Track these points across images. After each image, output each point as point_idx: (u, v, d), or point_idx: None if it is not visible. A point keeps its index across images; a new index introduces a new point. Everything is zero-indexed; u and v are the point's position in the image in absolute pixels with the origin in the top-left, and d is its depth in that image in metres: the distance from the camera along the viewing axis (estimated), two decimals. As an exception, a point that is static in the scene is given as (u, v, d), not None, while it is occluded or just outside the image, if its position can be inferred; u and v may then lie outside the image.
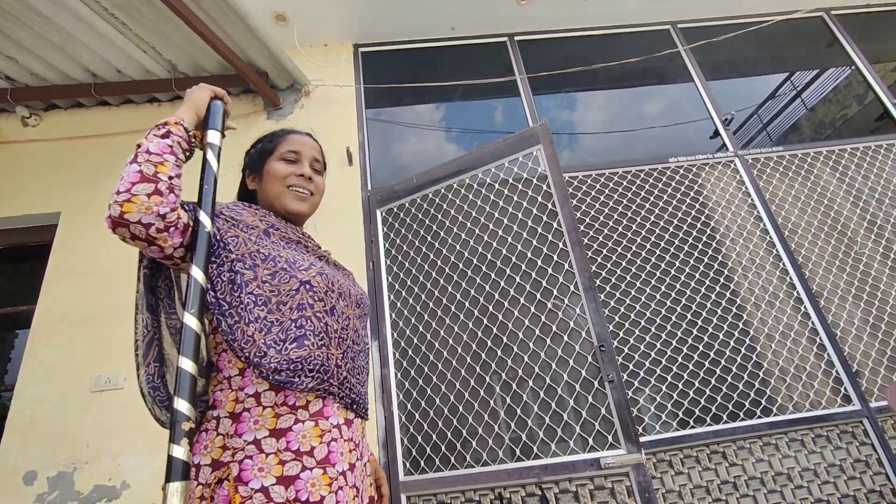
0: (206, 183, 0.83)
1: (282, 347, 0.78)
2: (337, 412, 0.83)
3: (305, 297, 0.84)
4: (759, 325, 2.33)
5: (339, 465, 0.78)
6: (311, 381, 0.79)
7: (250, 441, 0.74)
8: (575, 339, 1.84)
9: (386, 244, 2.39)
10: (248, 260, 0.84)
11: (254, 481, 0.71)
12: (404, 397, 2.09)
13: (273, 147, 1.03)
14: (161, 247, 0.77)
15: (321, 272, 0.89)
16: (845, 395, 2.18)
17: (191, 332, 0.71)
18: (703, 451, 2.08)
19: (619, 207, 2.57)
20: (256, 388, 0.79)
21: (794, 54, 3.56)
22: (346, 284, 0.96)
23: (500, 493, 1.80)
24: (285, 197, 0.98)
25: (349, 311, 0.93)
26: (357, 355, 0.92)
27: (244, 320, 0.78)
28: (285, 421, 0.77)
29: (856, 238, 2.57)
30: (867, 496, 2.01)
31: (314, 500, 0.72)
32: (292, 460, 0.74)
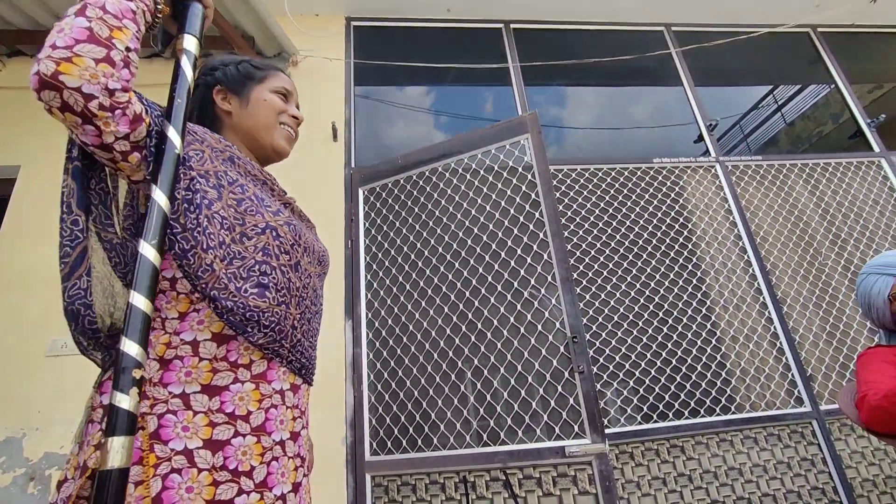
0: (178, 96, 0.69)
1: (242, 288, 0.69)
2: (283, 377, 0.75)
3: (271, 244, 0.75)
4: (726, 326, 2.41)
5: (276, 434, 0.70)
6: (262, 337, 0.70)
7: (177, 394, 0.64)
8: (549, 330, 1.86)
9: (366, 223, 2.35)
10: (213, 178, 0.72)
11: (175, 441, 0.61)
12: (375, 378, 2.08)
13: (263, 76, 0.92)
14: (99, 130, 0.60)
15: (289, 222, 0.80)
16: (798, 397, 2.28)
17: (148, 265, 0.59)
18: (664, 444, 2.15)
19: (601, 203, 2.59)
20: (196, 335, 0.68)
21: (779, 68, 3.64)
22: (310, 239, 0.88)
23: (464, 476, 1.82)
24: (276, 132, 0.90)
25: (311, 269, 0.85)
26: (313, 317, 0.84)
27: (202, 245, 0.66)
28: (222, 378, 0.68)
29: (821, 250, 2.67)
30: (810, 493, 2.12)
31: (243, 470, 0.64)
32: (224, 423, 0.65)
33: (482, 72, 3.05)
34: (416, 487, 1.87)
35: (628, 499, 2.05)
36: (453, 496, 1.81)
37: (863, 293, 1.36)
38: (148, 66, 2.70)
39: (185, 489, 0.60)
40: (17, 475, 1.83)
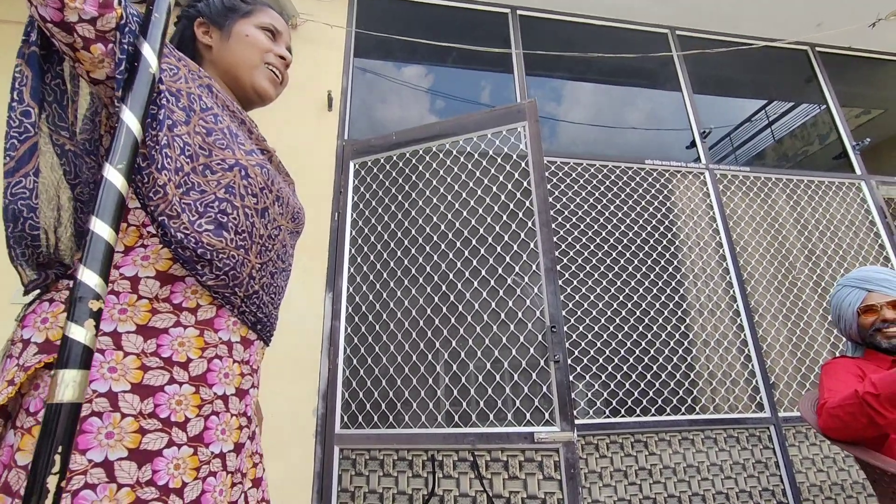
0: (157, 10, 0.60)
1: (196, 221, 0.62)
2: (232, 327, 0.69)
3: (238, 183, 0.68)
4: (699, 330, 2.47)
5: (218, 388, 0.64)
6: (213, 279, 0.64)
7: (107, 332, 0.58)
8: (529, 318, 1.88)
9: (355, 197, 2.32)
10: (183, 99, 0.65)
11: (98, 382, 0.55)
12: (351, 352, 2.08)
13: (249, 10, 0.85)
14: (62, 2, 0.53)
15: (262, 165, 0.74)
16: (759, 403, 2.37)
17: (114, 192, 0.52)
18: (629, 438, 2.21)
19: (590, 199, 2.61)
20: (138, 271, 0.62)
21: (775, 83, 3.69)
22: (286, 191, 0.81)
23: (433, 455, 1.83)
24: (259, 71, 0.83)
25: (282, 222, 0.79)
26: (278, 273, 0.78)
27: (157, 164, 0.58)
28: (162, 320, 0.62)
29: (795, 264, 2.75)
30: (761, 493, 2.21)
31: (175, 420, 0.58)
32: (158, 368, 0.59)
33: (484, 57, 3.01)
34: (383, 462, 1.88)
35: (590, 488, 2.11)
36: (420, 473, 1.83)
37: (835, 304, 1.40)
38: None
39: (104, 434, 0.54)
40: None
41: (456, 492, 1.77)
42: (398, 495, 1.82)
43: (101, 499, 0.52)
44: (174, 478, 0.57)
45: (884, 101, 3.87)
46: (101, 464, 0.53)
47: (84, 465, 0.52)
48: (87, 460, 0.52)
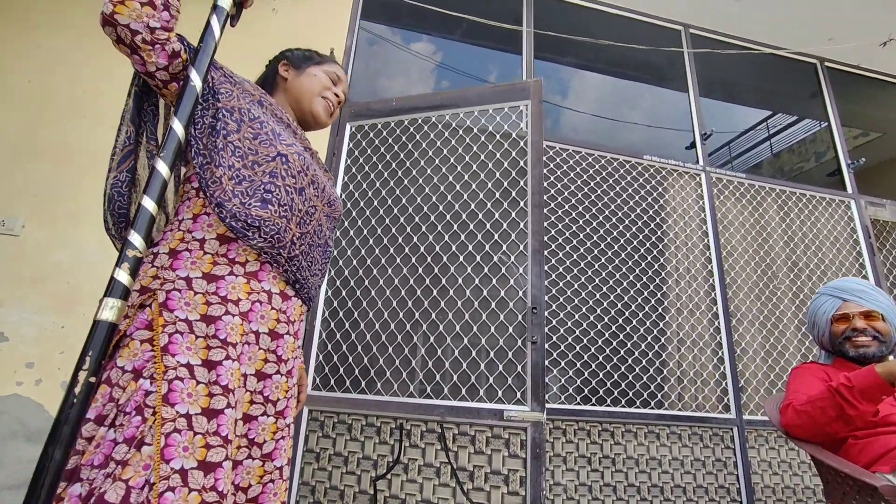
0: (205, 44, 0.83)
1: (247, 202, 0.82)
2: (272, 280, 0.88)
3: (280, 168, 0.88)
4: (677, 328, 2.49)
5: (254, 325, 0.83)
6: (261, 241, 0.83)
7: (182, 277, 0.79)
8: (511, 297, 1.87)
9: (348, 160, 2.27)
10: (236, 114, 0.88)
11: (179, 311, 0.76)
12: (330, 315, 2.05)
13: (321, 61, 1.13)
14: (143, 60, 0.80)
15: (300, 153, 0.94)
16: (727, 404, 2.42)
17: (159, 177, 0.73)
18: (596, 427, 2.24)
19: (584, 188, 2.60)
20: (205, 234, 0.84)
21: (780, 94, 3.69)
22: (322, 178, 1.01)
23: (401, 424, 1.84)
24: (317, 101, 1.08)
25: (318, 203, 0.97)
26: (315, 246, 0.97)
27: (215, 163, 0.82)
28: (220, 269, 0.82)
29: (778, 273, 2.78)
30: (716, 490, 2.27)
31: (230, 341, 0.78)
32: (217, 303, 0.79)
33: (493, 33, 2.95)
34: (351, 427, 1.88)
35: (553, 471, 2.14)
36: (387, 441, 1.83)
37: (812, 311, 1.42)
38: None
39: (185, 346, 0.75)
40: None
41: (421, 461, 1.78)
42: (363, 460, 1.83)
43: (187, 386, 0.72)
44: (231, 382, 0.76)
45: (883, 125, 3.90)
46: (185, 365, 0.73)
47: (175, 364, 0.73)
48: (176, 362, 0.73)
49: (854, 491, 1.08)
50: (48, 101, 2.12)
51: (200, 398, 0.73)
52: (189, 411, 0.71)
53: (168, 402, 0.70)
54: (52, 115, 2.12)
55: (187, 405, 0.71)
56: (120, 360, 0.74)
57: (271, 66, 1.14)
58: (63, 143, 2.08)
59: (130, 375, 0.72)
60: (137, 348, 0.74)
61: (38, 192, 2.00)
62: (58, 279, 1.93)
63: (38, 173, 2.02)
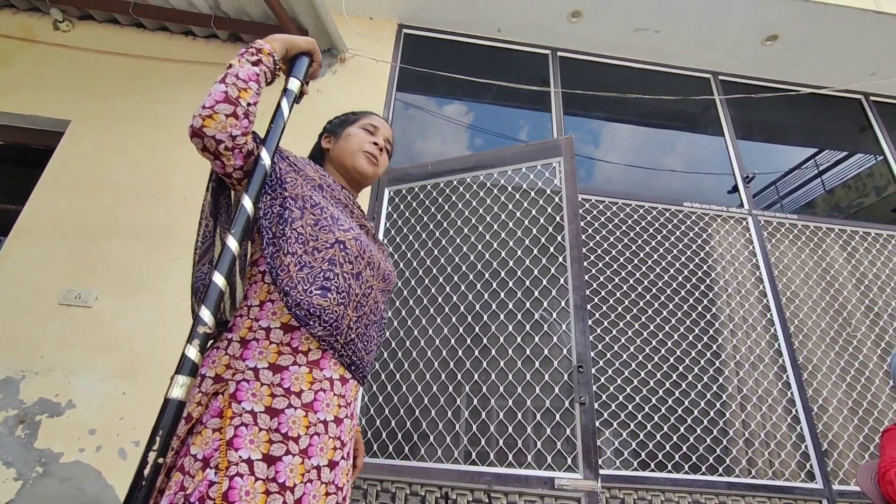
0: (275, 125, 0.90)
1: (308, 289, 0.84)
2: (333, 367, 0.88)
3: (338, 255, 0.90)
4: (739, 384, 2.30)
5: (321, 414, 0.83)
6: (321, 330, 0.84)
7: (251, 367, 0.81)
8: (555, 356, 1.81)
9: (387, 223, 2.36)
10: (300, 201, 0.91)
11: (246, 402, 0.78)
12: (372, 379, 2.05)
13: (357, 119, 1.14)
14: (224, 163, 0.85)
15: (357, 238, 0.95)
16: (809, 471, 2.15)
17: (229, 252, 0.77)
18: (658, 496, 2.04)
19: (624, 239, 2.55)
20: (270, 322, 0.85)
21: (826, 131, 3.56)
22: (377, 257, 1.01)
23: (446, 492, 1.76)
24: (357, 157, 1.08)
25: (374, 282, 0.98)
26: (371, 325, 0.97)
27: (283, 251, 0.85)
28: (285, 360, 0.83)
29: (851, 319, 2.55)
30: (811, 576, 1.97)
31: (292, 436, 0.78)
32: (281, 395, 0.80)
33: (522, 94, 3.07)
34: (395, 496, 1.81)
35: (613, 547, 1.95)
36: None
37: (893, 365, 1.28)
38: (189, 44, 2.82)
39: (248, 440, 0.75)
40: (9, 416, 1.85)
41: (469, 536, 1.68)
42: (408, 533, 1.74)
43: (246, 483, 0.72)
44: (290, 479, 0.76)
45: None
46: (246, 460, 0.73)
47: (237, 459, 0.73)
48: (238, 457, 0.73)
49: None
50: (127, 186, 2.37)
51: (258, 496, 0.72)
52: None
53: (227, 500, 0.69)
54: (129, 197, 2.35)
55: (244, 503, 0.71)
56: (193, 448, 0.75)
57: (317, 145, 1.18)
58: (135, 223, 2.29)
59: (200, 464, 0.73)
60: (209, 437, 0.75)
61: (112, 266, 2.18)
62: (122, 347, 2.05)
63: (112, 248, 2.22)
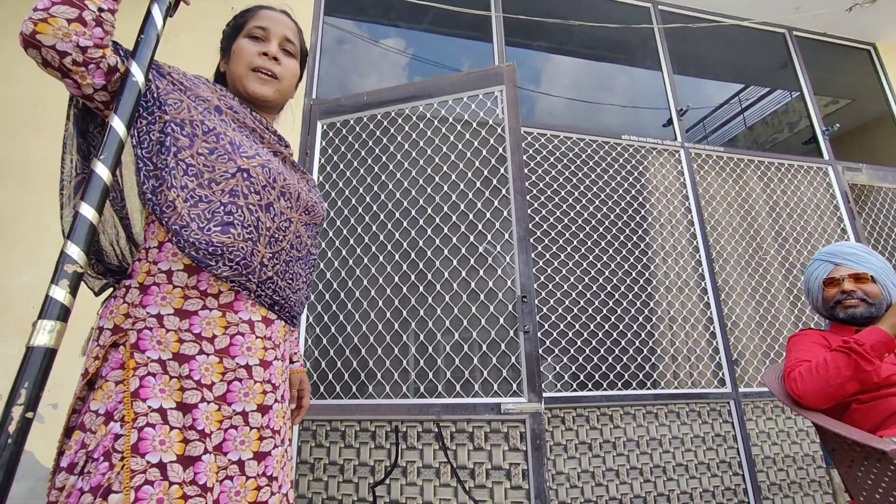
0: (146, 35, 0.76)
1: (205, 227, 0.75)
2: (250, 308, 0.82)
3: (241, 185, 0.80)
4: (667, 307, 2.48)
5: (241, 359, 0.78)
6: (227, 270, 0.77)
7: (153, 314, 0.75)
8: (499, 287, 1.82)
9: (322, 159, 2.19)
10: (187, 127, 0.79)
11: (151, 352, 0.72)
12: (314, 320, 1.98)
13: (243, 23, 0.95)
14: (77, 82, 0.71)
15: (265, 165, 0.85)
16: (721, 378, 2.41)
17: (98, 181, 0.65)
18: (594, 412, 2.21)
19: (565, 172, 2.56)
20: (171, 265, 0.78)
21: (752, 67, 3.70)
22: (296, 186, 0.92)
23: (396, 426, 1.78)
24: (247, 79, 0.92)
25: (293, 214, 0.90)
26: (294, 261, 0.90)
27: (167, 184, 0.74)
28: (193, 304, 0.77)
29: (763, 244, 2.79)
30: (718, 465, 2.26)
31: (205, 383, 0.74)
32: (191, 341, 0.75)
33: (463, 21, 2.88)
34: (345, 434, 1.81)
35: (554, 460, 2.10)
36: (383, 445, 1.77)
37: (806, 277, 1.40)
38: None
39: (158, 390, 0.71)
40: None
41: (419, 463, 1.73)
42: (359, 466, 1.77)
43: (160, 433, 0.68)
44: (207, 426, 0.72)
45: (852, 91, 3.95)
46: (157, 410, 0.69)
47: (146, 410, 0.68)
48: (146, 407, 0.69)
49: (862, 457, 1.06)
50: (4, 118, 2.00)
51: (175, 445, 0.69)
52: (163, 459, 0.67)
53: (138, 451, 0.65)
54: (4, 132, 1.99)
55: (160, 453, 0.67)
56: (94, 404, 0.70)
57: (217, 69, 1.02)
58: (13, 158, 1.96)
59: (103, 419, 0.68)
60: (111, 390, 0.70)
61: None
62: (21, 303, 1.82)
63: None
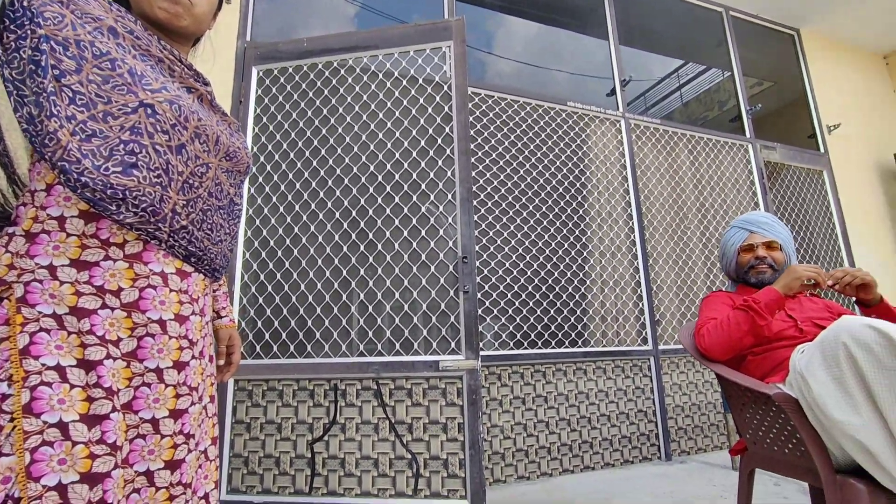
0: None
1: (102, 165, 0.66)
2: (163, 260, 0.75)
3: (144, 122, 0.71)
4: (600, 270, 2.62)
5: (153, 313, 0.73)
6: (132, 217, 0.69)
7: (44, 265, 0.67)
8: (441, 248, 1.83)
9: (258, 108, 2.05)
10: (73, 48, 0.68)
11: (43, 306, 0.65)
12: (250, 279, 1.91)
13: None
14: None
15: (174, 101, 0.75)
16: (644, 337, 2.61)
17: None
18: (529, 369, 2.33)
19: (511, 135, 2.57)
20: (63, 210, 0.69)
21: (692, 43, 3.84)
22: (214, 129, 0.83)
23: (335, 384, 1.78)
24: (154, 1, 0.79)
25: (210, 160, 0.82)
26: (213, 210, 0.83)
27: (45, 112, 0.63)
28: (93, 254, 0.69)
29: (688, 214, 2.99)
30: (636, 414, 2.49)
31: (110, 338, 0.68)
32: (91, 294, 0.68)
33: (413, -31, 2.74)
34: (283, 393, 1.80)
35: (490, 414, 2.21)
36: (321, 403, 1.78)
37: (724, 242, 1.51)
38: None
39: (54, 346, 0.64)
40: None
41: (358, 419, 1.75)
42: (298, 425, 1.77)
43: (58, 392, 0.63)
44: (114, 384, 0.68)
45: (775, 74, 4.22)
46: (55, 367, 0.64)
47: (38, 368, 0.63)
48: (40, 365, 0.63)
49: (751, 401, 1.20)
50: None
51: (77, 403, 0.64)
52: (63, 419, 0.62)
53: (31, 412, 0.61)
54: None
55: (59, 413, 0.62)
56: None
57: None
58: None
59: None
60: None
61: None
62: None
63: None
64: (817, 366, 0.97)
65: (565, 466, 2.29)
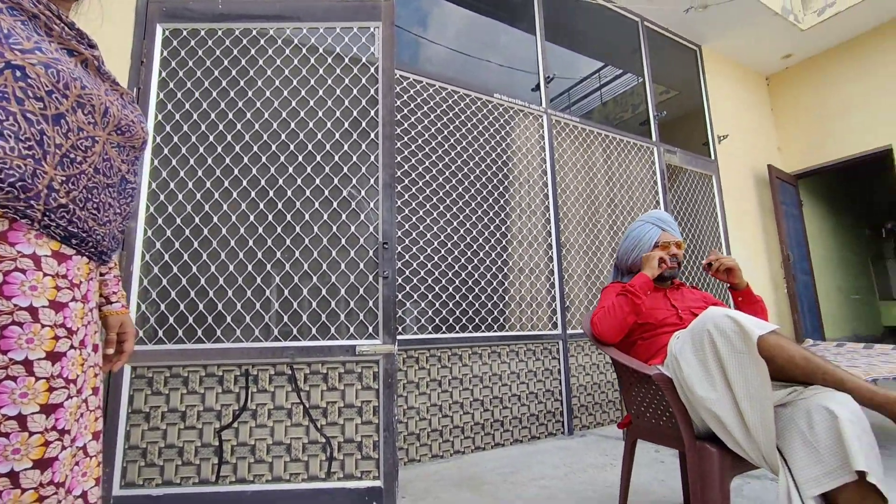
0: None
1: None
2: (34, 241, 0.69)
3: (11, 86, 0.64)
4: (517, 259, 2.75)
5: (20, 299, 0.66)
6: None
7: None
8: (361, 233, 1.82)
9: (164, 72, 1.87)
10: None
11: None
12: (152, 259, 1.76)
13: None
14: None
15: (51, 65, 0.68)
16: (555, 322, 2.81)
17: None
18: (446, 352, 2.41)
19: (437, 123, 2.59)
20: None
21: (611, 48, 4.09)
22: (102, 98, 0.77)
23: (247, 370, 1.72)
24: None
25: (98, 133, 0.76)
26: (101, 188, 0.77)
27: None
28: None
29: (599, 208, 3.22)
30: (544, 393, 2.68)
31: None
32: None
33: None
34: (187, 380, 1.70)
35: (406, 396, 2.26)
36: (231, 389, 1.71)
37: (636, 235, 1.62)
38: None
39: None
40: None
41: (271, 405, 1.71)
42: (204, 412, 1.68)
43: None
44: None
45: (679, 84, 4.64)
46: None
47: None
48: None
49: (636, 380, 1.35)
50: None
51: None
52: None
53: None
54: None
55: None
56: None
57: None
58: None
59: None
60: None
61: None
62: None
63: None
64: (688, 350, 1.12)
65: (477, 444, 2.41)
